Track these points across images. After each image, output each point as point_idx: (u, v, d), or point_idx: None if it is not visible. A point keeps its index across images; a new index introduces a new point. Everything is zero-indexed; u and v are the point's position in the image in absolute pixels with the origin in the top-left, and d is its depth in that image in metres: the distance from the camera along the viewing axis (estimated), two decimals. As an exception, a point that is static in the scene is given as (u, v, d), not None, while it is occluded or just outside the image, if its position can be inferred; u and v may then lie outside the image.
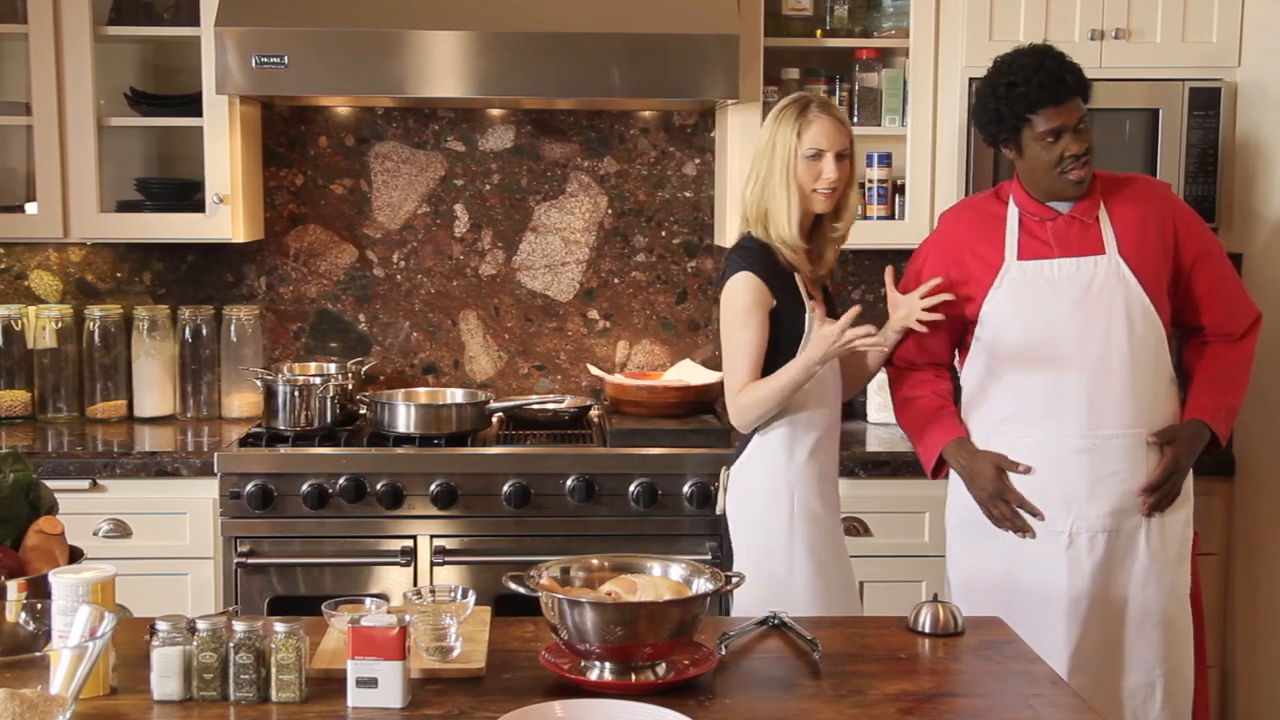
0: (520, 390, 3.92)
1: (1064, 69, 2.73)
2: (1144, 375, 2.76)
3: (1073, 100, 2.72)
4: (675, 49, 3.29)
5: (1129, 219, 2.79)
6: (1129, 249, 2.77)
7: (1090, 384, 2.75)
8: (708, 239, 3.92)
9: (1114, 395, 2.75)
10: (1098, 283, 2.76)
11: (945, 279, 2.78)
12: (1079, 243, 2.78)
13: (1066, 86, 2.71)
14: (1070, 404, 2.75)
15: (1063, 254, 2.78)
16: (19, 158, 3.72)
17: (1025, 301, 2.79)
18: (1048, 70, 2.71)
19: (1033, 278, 2.79)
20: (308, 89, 3.36)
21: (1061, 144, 2.71)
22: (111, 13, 3.58)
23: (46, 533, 1.97)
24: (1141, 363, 2.75)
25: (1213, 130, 3.42)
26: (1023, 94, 2.71)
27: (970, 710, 1.88)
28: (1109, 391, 2.75)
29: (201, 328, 3.78)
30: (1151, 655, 2.80)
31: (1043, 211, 2.81)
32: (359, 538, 3.27)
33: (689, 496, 3.26)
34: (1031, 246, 2.80)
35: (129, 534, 3.28)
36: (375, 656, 1.82)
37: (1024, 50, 2.78)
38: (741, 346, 2.73)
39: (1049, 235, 2.80)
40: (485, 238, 3.90)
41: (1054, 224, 2.80)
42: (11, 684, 1.49)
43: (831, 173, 2.71)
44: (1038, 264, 2.79)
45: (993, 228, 2.84)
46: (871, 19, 3.69)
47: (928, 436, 2.89)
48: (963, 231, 2.88)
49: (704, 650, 2.01)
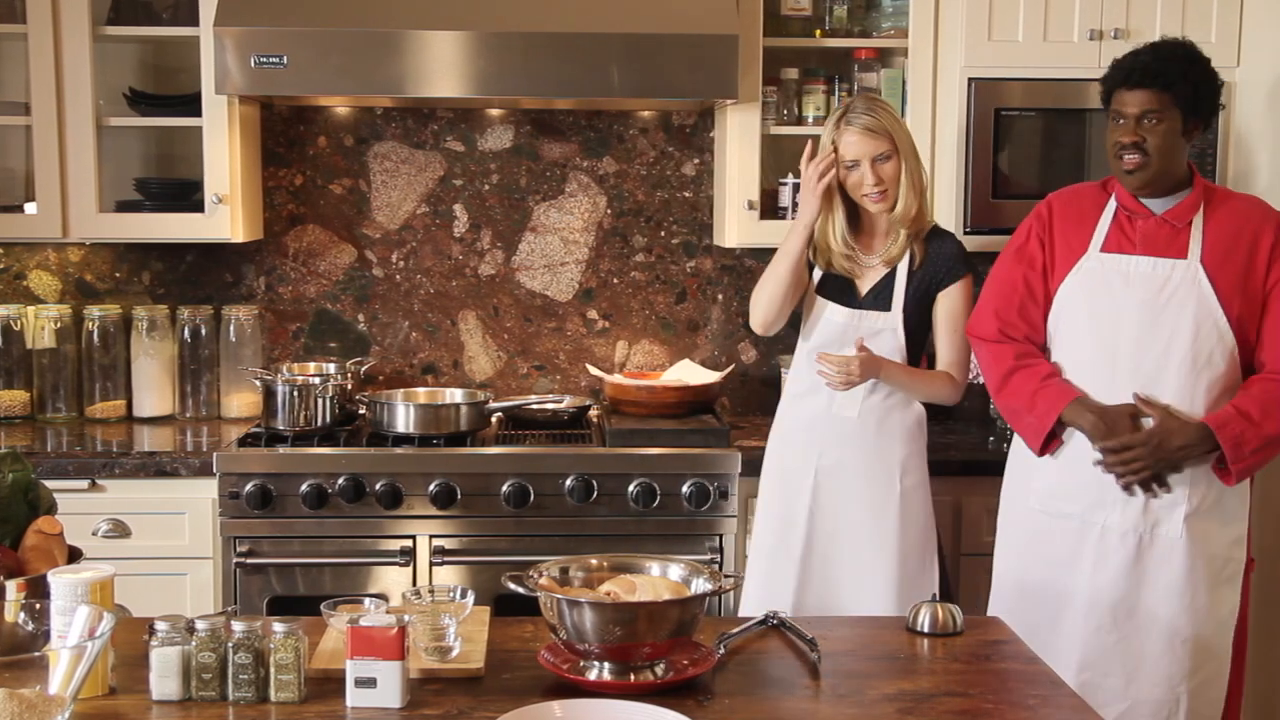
0: (519, 390, 3.92)
1: (1158, 60, 2.72)
2: (1199, 383, 2.71)
3: (1144, 90, 2.71)
4: (674, 49, 3.28)
5: (1223, 230, 2.75)
6: (1213, 259, 2.72)
7: (1141, 383, 2.72)
8: (707, 239, 3.91)
9: (1164, 398, 2.72)
10: (1171, 286, 2.72)
11: (1037, 260, 2.86)
12: (1164, 244, 2.76)
13: (1143, 76, 2.71)
14: (1117, 398, 2.74)
15: (1145, 253, 2.77)
16: (18, 158, 3.72)
17: (1095, 292, 2.79)
18: (1141, 56, 2.74)
19: (1108, 270, 2.78)
20: (307, 89, 3.36)
21: (1119, 130, 2.74)
22: (110, 12, 3.57)
23: (45, 533, 1.97)
24: (1200, 371, 2.70)
25: (1212, 130, 3.42)
26: (1112, 72, 2.79)
27: (970, 710, 1.88)
28: (1159, 393, 2.72)
29: (201, 328, 3.78)
30: (1178, 671, 2.74)
31: (1138, 208, 2.79)
32: (358, 538, 3.27)
33: (688, 496, 3.26)
34: (1117, 241, 2.79)
35: (128, 534, 3.28)
36: (374, 656, 1.82)
37: (1162, 39, 2.83)
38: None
39: (1137, 233, 2.79)
40: (484, 238, 3.90)
41: (1145, 223, 2.78)
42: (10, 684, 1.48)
43: (870, 180, 2.92)
44: (1116, 258, 2.78)
45: (1089, 215, 2.84)
46: (870, 19, 3.69)
47: (1039, 404, 2.81)
48: (1061, 215, 2.89)
49: (703, 650, 2.01)
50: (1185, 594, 2.73)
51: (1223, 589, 2.76)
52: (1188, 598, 2.73)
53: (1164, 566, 2.74)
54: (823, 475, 3.00)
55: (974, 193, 3.45)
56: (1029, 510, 2.88)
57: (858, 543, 2.99)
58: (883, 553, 2.97)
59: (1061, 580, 2.80)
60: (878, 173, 2.92)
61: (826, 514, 3.00)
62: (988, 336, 2.91)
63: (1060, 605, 2.79)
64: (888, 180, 2.93)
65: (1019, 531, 2.91)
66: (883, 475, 2.99)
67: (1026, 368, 2.84)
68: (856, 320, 3.00)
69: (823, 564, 3.00)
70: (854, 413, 2.99)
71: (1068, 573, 2.80)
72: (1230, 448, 2.67)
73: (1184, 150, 2.78)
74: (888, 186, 2.94)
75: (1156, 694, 2.75)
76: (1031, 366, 2.84)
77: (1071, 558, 2.80)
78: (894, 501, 2.98)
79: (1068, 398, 2.77)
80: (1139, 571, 2.75)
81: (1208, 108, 2.77)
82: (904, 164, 2.95)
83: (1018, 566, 2.89)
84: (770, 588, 3.00)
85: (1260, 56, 3.39)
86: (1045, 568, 2.83)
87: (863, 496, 2.99)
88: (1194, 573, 2.73)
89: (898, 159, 2.94)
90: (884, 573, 2.97)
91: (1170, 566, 2.74)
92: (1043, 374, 2.82)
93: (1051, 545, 2.83)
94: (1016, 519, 2.92)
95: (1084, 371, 2.80)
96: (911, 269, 3.00)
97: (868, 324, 2.99)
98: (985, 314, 2.92)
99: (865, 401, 2.98)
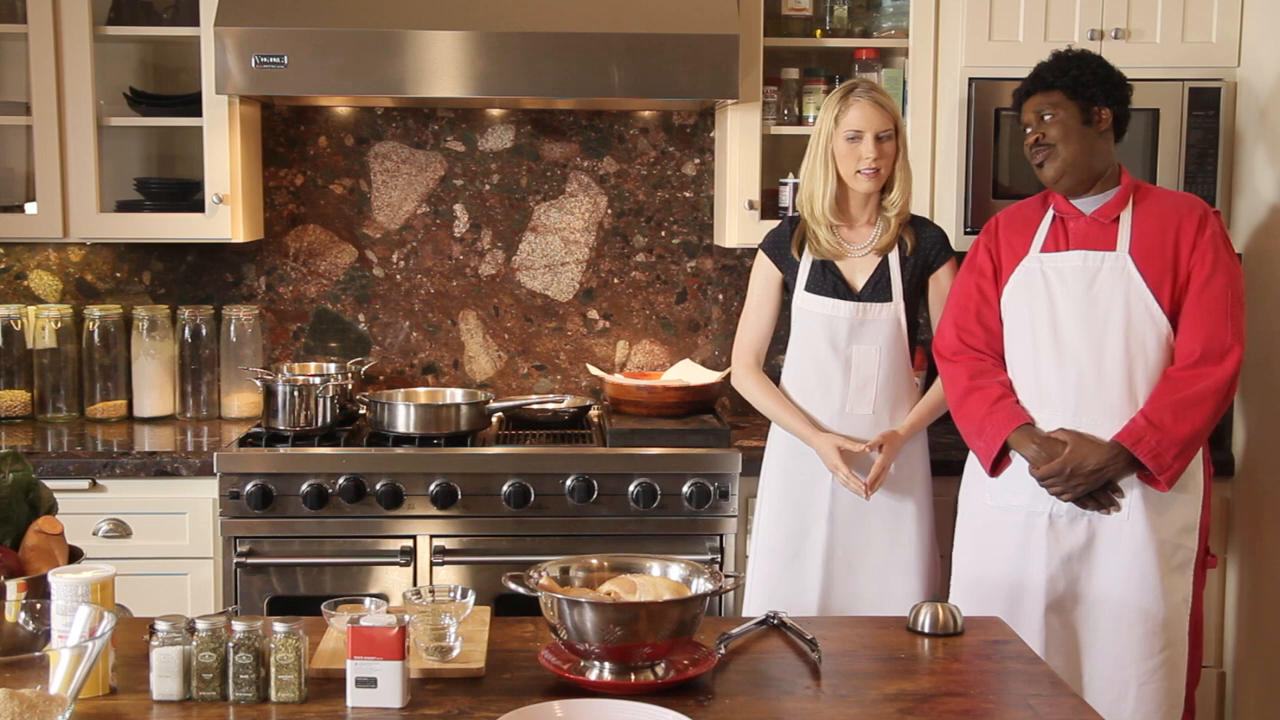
0: (520, 390, 3.92)
1: (1057, 66, 2.87)
2: (1137, 370, 2.78)
3: (1045, 93, 2.86)
4: (675, 49, 3.29)
5: (1149, 223, 2.84)
6: (1140, 250, 2.81)
7: (1081, 374, 2.80)
8: (707, 239, 3.91)
9: (1104, 386, 2.79)
10: (1102, 276, 2.81)
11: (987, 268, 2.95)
12: (1094, 240, 2.85)
13: (1042, 80, 2.87)
14: (1060, 391, 2.82)
15: (1076, 248, 2.86)
16: (19, 158, 3.72)
17: (1033, 288, 2.88)
18: (1043, 65, 2.90)
19: (1046, 268, 2.87)
20: (307, 89, 3.36)
21: (1027, 137, 2.89)
22: (111, 13, 3.58)
23: (46, 533, 1.97)
24: (1135, 358, 2.78)
25: (1212, 130, 3.42)
26: (1022, 84, 2.93)
27: (970, 710, 1.88)
28: (1099, 382, 2.79)
29: (201, 328, 3.78)
30: (1127, 655, 2.80)
31: (1070, 210, 2.89)
32: (359, 538, 3.27)
33: (688, 496, 3.26)
34: (1054, 242, 2.89)
35: (128, 534, 3.28)
36: (375, 656, 1.82)
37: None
38: (743, 315, 3.20)
39: (1070, 233, 2.88)
40: (485, 238, 3.90)
41: (1077, 223, 2.88)
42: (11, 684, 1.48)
43: (870, 153, 2.94)
44: (1052, 255, 2.87)
45: (1031, 223, 2.95)
46: (871, 19, 3.69)
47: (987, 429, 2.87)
48: (1006, 226, 2.99)
49: (703, 650, 2.01)
50: (1133, 578, 2.79)
51: (1174, 576, 2.82)
52: (1134, 581, 2.79)
53: (1113, 552, 2.80)
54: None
55: (974, 193, 3.45)
56: (983, 506, 2.95)
57: (881, 543, 3.01)
58: (905, 551, 3.01)
59: (1015, 571, 2.86)
60: (879, 148, 2.95)
61: (849, 517, 3.01)
62: (947, 351, 2.98)
63: (1015, 596, 2.85)
64: (885, 159, 2.97)
65: (974, 526, 2.98)
66: (901, 473, 3.00)
67: (979, 390, 2.90)
68: (860, 313, 3.00)
69: (846, 568, 3.02)
70: (869, 409, 3.01)
71: (1020, 563, 2.86)
72: (1150, 460, 2.73)
73: (1097, 141, 2.85)
74: (882, 165, 2.97)
75: (1109, 675, 2.81)
76: (984, 389, 2.90)
77: (1022, 548, 2.86)
78: (911, 499, 3.01)
79: (1013, 424, 2.84)
80: (1089, 556, 2.82)
81: (1102, 93, 2.85)
82: (902, 150, 3.01)
83: (974, 561, 2.96)
84: (787, 591, 3.01)
85: (1260, 56, 3.39)
86: (999, 560, 2.89)
87: (884, 496, 3.00)
88: (1142, 556, 2.78)
89: (897, 141, 2.99)
90: (907, 571, 3.00)
91: (1118, 551, 2.80)
92: (993, 397, 2.88)
93: (1004, 537, 2.89)
94: (972, 515, 2.99)
95: (1030, 367, 2.87)
96: (904, 256, 3.03)
97: (871, 316, 3.00)
98: (945, 328, 3.01)
99: (877, 398, 3.01)
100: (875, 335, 3.00)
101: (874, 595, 3.01)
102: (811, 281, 3.05)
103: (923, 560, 3.04)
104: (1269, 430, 3.36)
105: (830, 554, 3.01)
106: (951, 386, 2.96)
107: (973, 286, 2.97)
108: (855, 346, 3.00)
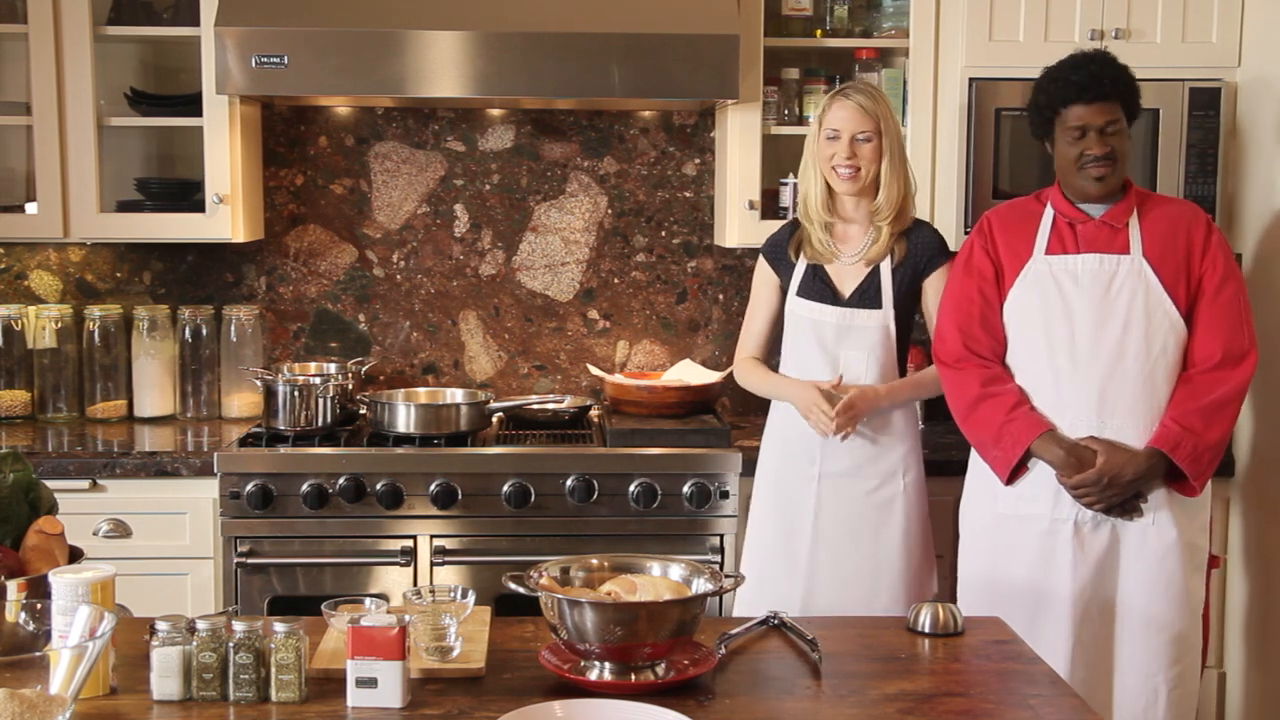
0: (520, 390, 3.92)
1: (1106, 72, 2.80)
2: (1158, 372, 2.77)
3: (1105, 103, 2.79)
4: (675, 49, 3.29)
5: (1158, 228, 2.82)
6: (1153, 253, 2.80)
7: (1103, 377, 2.77)
8: (707, 239, 3.91)
9: (1126, 389, 2.77)
10: (1119, 279, 2.79)
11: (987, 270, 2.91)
12: (1105, 243, 2.83)
13: (1100, 89, 2.79)
14: (1081, 395, 2.78)
15: (1088, 252, 2.83)
16: (19, 158, 3.72)
17: (1046, 292, 2.84)
18: (1089, 70, 2.80)
19: (1056, 270, 2.84)
20: (307, 89, 3.36)
21: (1084, 143, 2.80)
22: (111, 13, 3.57)
23: (46, 533, 1.97)
24: (1156, 360, 2.77)
25: (1213, 130, 3.42)
26: (1060, 88, 2.83)
27: (970, 710, 1.88)
28: (1121, 385, 2.77)
29: (201, 328, 3.78)
30: (1155, 662, 2.78)
31: (1076, 214, 2.86)
32: (359, 538, 3.27)
33: (689, 496, 3.26)
34: (1060, 244, 2.86)
35: (129, 534, 3.28)
36: (375, 656, 1.82)
37: (1080, 51, 2.88)
38: (746, 316, 3.25)
39: (1078, 236, 2.85)
40: (485, 238, 3.90)
41: (1084, 227, 2.85)
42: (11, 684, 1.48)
43: (842, 153, 2.95)
44: (1062, 259, 2.84)
45: (1029, 223, 2.90)
46: (871, 19, 3.69)
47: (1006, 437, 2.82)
48: (1001, 226, 2.94)
49: (703, 650, 2.01)
50: (1159, 582, 2.78)
51: (1194, 578, 2.82)
52: (1161, 585, 2.78)
53: (1137, 557, 2.78)
54: (826, 477, 3.00)
55: (974, 193, 3.45)
56: (995, 515, 2.90)
57: (865, 543, 3.00)
58: (889, 551, 2.99)
59: (1037, 580, 2.82)
60: (854, 148, 2.95)
61: (832, 517, 3.01)
62: (951, 359, 2.92)
63: (1038, 605, 2.81)
64: (862, 161, 2.95)
65: (985, 534, 2.92)
66: (886, 474, 2.99)
67: (993, 396, 2.85)
68: (847, 319, 3.00)
69: (832, 567, 3.01)
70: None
71: (1044, 572, 2.82)
72: (1189, 464, 2.73)
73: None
74: (861, 167, 2.95)
75: (1137, 686, 2.79)
76: (998, 395, 2.85)
77: (1046, 557, 2.82)
78: (898, 499, 2.99)
79: (1036, 431, 2.79)
80: (1115, 563, 2.79)
81: (1138, 102, 2.87)
82: (887, 154, 2.97)
83: (987, 569, 2.90)
84: (773, 591, 3.00)
85: (1260, 56, 3.39)
86: (1016, 566, 2.85)
87: (867, 496, 2.99)
88: (1168, 560, 2.77)
89: (878, 145, 2.96)
90: (891, 571, 2.98)
91: (1144, 556, 2.78)
92: (1010, 404, 2.83)
93: (1022, 547, 2.85)
94: (981, 522, 2.94)
95: (1048, 372, 2.83)
96: (894, 265, 3.02)
97: (858, 322, 3.00)
98: (947, 333, 2.94)
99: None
100: (862, 341, 3.00)
101: (861, 595, 2.98)
102: (803, 286, 3.06)
103: (911, 561, 3.01)
104: (1270, 430, 3.36)
105: (815, 553, 3.01)
106: (959, 394, 2.90)
107: (974, 290, 2.91)
108: (844, 351, 3.00)
